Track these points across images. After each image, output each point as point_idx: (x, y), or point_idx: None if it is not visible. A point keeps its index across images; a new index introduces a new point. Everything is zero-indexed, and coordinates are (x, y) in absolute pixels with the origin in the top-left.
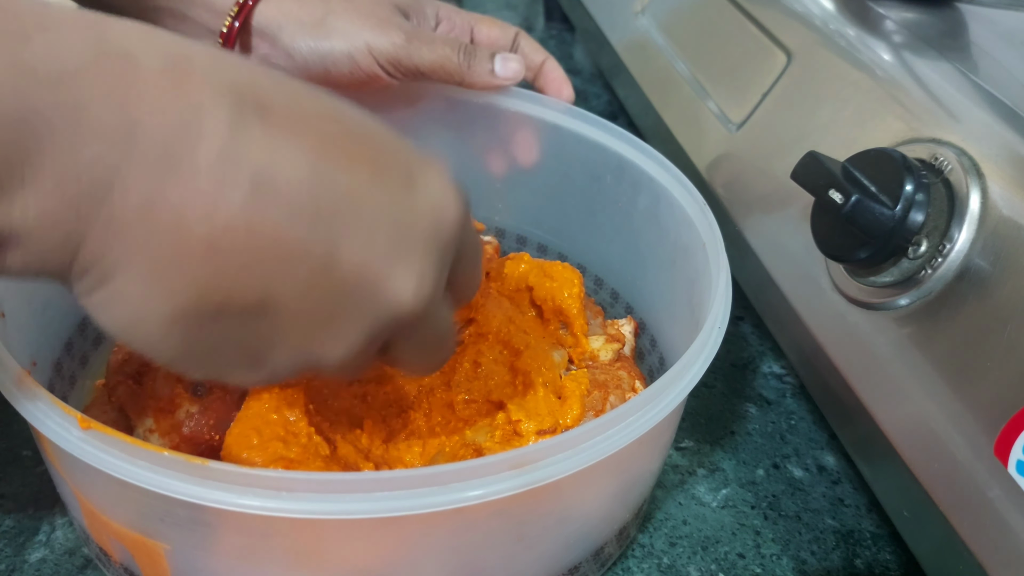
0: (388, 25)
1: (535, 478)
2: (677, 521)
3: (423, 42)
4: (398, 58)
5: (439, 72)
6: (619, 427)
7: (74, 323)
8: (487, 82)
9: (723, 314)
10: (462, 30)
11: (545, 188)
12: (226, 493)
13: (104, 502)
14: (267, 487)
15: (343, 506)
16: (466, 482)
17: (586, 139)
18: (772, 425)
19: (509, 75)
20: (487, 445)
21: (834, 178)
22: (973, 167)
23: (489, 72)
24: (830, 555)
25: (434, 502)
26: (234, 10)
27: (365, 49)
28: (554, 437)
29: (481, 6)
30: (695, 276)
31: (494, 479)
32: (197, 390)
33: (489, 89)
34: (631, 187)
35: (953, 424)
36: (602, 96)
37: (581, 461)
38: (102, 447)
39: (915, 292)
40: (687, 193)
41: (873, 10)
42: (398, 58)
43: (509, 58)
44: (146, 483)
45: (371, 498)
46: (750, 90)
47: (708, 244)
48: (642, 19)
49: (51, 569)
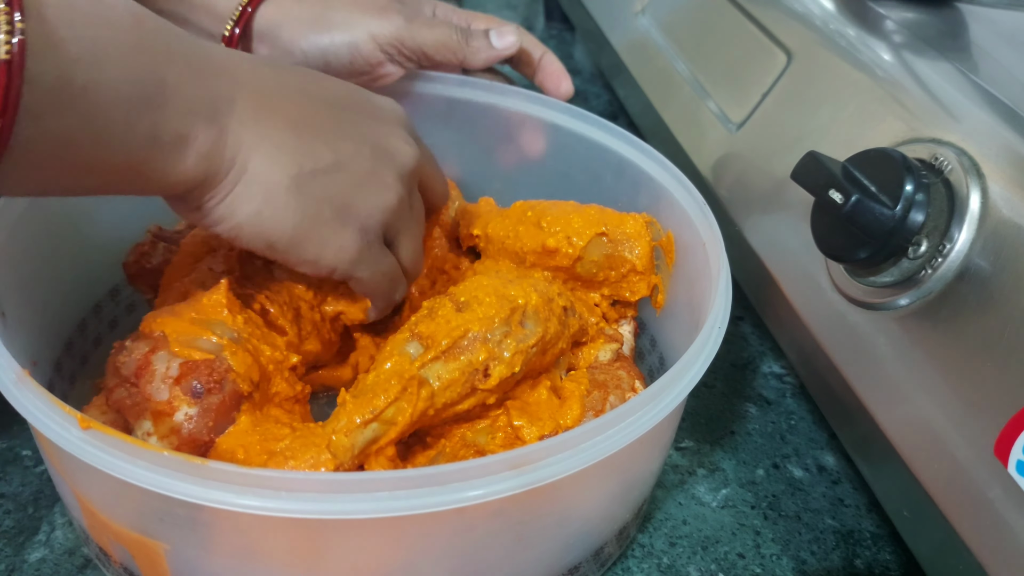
0: (388, 11)
1: (535, 478)
2: (677, 521)
3: (423, 23)
4: (400, 39)
5: (441, 50)
6: (619, 427)
7: (74, 323)
8: (487, 55)
9: (723, 314)
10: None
11: (545, 188)
12: (226, 493)
13: (104, 502)
14: (267, 487)
15: (343, 506)
16: (466, 482)
17: (586, 139)
18: (772, 425)
19: (506, 45)
20: (488, 447)
21: (834, 178)
22: (973, 167)
23: (488, 46)
24: (830, 555)
25: (434, 502)
26: (235, 14)
27: (367, 36)
28: (554, 437)
29: (481, 6)
30: (695, 276)
31: (494, 479)
32: (195, 391)
33: (490, 62)
34: (631, 186)
35: (953, 424)
36: (602, 96)
37: (581, 461)
38: (102, 447)
39: (915, 292)
40: (687, 193)
41: (873, 10)
42: (400, 39)
43: (504, 32)
44: (146, 483)
45: (371, 498)
46: (750, 90)
47: (708, 243)
48: (642, 19)
49: (51, 569)
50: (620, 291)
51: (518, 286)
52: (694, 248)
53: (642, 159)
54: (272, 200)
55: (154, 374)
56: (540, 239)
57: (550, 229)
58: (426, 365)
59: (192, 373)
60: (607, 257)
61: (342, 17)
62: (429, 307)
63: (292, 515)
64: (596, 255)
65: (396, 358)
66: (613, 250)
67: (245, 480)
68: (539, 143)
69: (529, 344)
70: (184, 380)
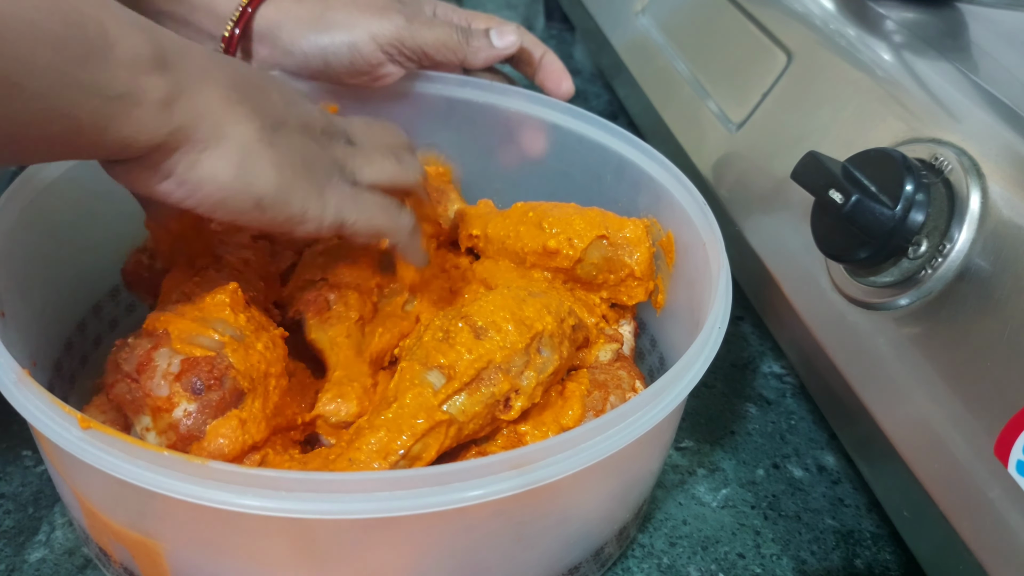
0: (388, 11)
1: (535, 478)
2: (677, 521)
3: (423, 23)
4: (401, 39)
5: (441, 50)
6: (619, 427)
7: (74, 323)
8: (488, 55)
9: (723, 314)
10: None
11: (545, 187)
12: (225, 493)
13: (104, 502)
14: (267, 487)
15: (343, 506)
16: (467, 482)
17: (586, 139)
18: (772, 425)
19: (507, 44)
20: (489, 448)
21: (834, 178)
22: (973, 167)
23: (488, 45)
24: (830, 555)
25: (434, 502)
26: (235, 15)
27: (368, 36)
28: (555, 437)
29: (481, 6)
30: (695, 276)
31: (495, 479)
32: (195, 388)
33: (491, 61)
34: (631, 187)
35: (953, 424)
36: (602, 96)
37: (581, 461)
38: (101, 447)
39: (915, 292)
40: (687, 192)
41: (873, 10)
42: (401, 39)
43: (505, 31)
44: (145, 482)
45: (371, 498)
46: (750, 90)
47: (708, 243)
48: (642, 19)
49: (51, 569)
50: (618, 295)
51: (532, 306)
52: (694, 248)
53: (643, 159)
54: (251, 154)
55: (155, 370)
56: (541, 240)
57: (551, 230)
58: (450, 398)
59: (193, 370)
60: (606, 260)
61: (342, 17)
62: (444, 330)
63: (292, 515)
64: (596, 257)
65: (418, 389)
66: (613, 254)
67: (245, 480)
68: (539, 143)
69: (548, 373)
70: (184, 377)
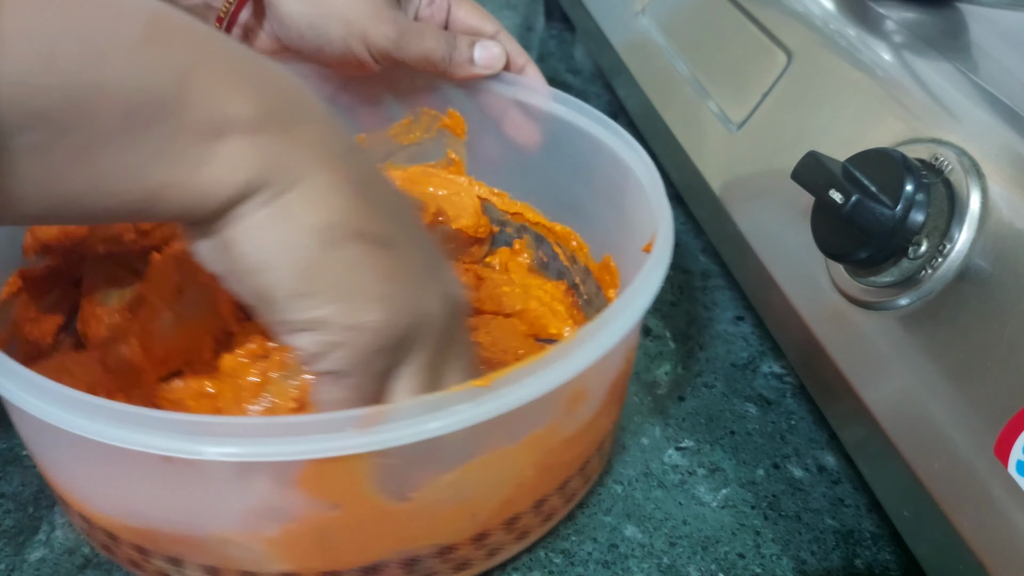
0: (382, 18)
1: (496, 407)
2: (677, 521)
3: (412, 36)
4: (388, 52)
5: (423, 64)
6: (577, 351)
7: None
8: (467, 72)
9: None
10: (439, 7)
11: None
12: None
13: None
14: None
15: (278, 448)
16: (426, 415)
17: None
18: (772, 425)
19: (489, 62)
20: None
21: (834, 178)
22: (973, 167)
23: (468, 61)
24: (830, 555)
25: (392, 437)
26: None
27: (361, 39)
28: (511, 368)
29: (481, 5)
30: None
31: (453, 410)
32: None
33: (469, 79)
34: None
35: (953, 424)
36: (602, 96)
37: (539, 389)
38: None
39: (915, 292)
40: (617, 137)
41: (873, 10)
42: (388, 52)
43: (488, 45)
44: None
45: (337, 437)
46: (750, 90)
47: (645, 183)
48: (642, 19)
49: (51, 569)
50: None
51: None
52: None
53: (579, 118)
54: (298, 237)
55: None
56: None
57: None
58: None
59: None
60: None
61: (341, 13)
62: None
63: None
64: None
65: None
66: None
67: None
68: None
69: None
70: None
